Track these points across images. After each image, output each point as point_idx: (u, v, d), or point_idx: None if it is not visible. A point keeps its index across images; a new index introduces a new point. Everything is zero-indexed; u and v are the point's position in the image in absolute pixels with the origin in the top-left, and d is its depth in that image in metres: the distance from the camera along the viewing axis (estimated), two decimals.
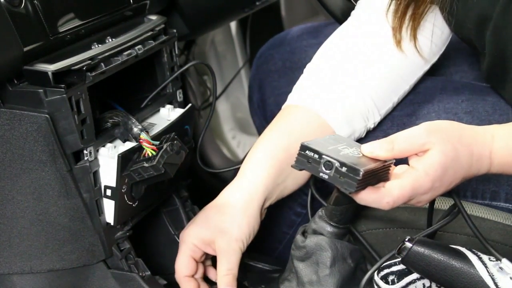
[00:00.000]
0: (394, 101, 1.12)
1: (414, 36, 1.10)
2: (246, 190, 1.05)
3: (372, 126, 1.11)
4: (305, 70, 1.14)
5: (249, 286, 1.08)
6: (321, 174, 0.86)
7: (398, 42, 1.10)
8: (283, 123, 1.09)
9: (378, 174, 0.88)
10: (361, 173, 0.84)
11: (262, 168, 1.05)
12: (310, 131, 1.06)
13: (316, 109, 1.07)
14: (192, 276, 1.07)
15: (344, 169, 0.85)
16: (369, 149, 0.88)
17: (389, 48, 1.10)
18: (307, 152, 0.87)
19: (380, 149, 0.88)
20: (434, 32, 1.12)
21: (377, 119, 1.11)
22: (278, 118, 1.10)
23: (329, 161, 0.85)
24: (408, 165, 0.90)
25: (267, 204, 1.07)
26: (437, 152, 0.87)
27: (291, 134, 1.07)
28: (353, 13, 1.17)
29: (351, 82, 1.09)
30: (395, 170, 0.91)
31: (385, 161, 0.89)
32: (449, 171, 0.88)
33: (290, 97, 1.12)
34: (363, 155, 0.89)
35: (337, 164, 0.85)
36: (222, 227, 1.03)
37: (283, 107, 1.12)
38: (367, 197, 0.88)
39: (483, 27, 1.04)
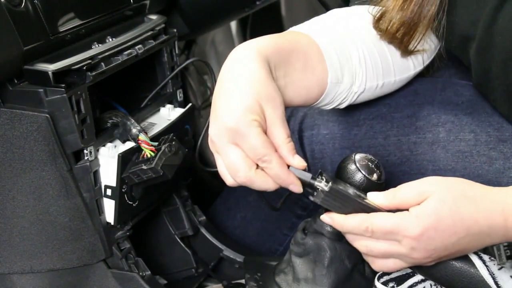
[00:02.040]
0: (379, 83, 1.09)
1: (405, 53, 1.09)
2: (257, 56, 0.92)
3: (356, 91, 1.07)
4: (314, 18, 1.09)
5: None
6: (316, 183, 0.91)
7: None
8: (290, 39, 0.99)
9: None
10: (329, 186, 0.88)
11: (267, 45, 0.94)
12: (309, 58, 0.99)
13: (319, 43, 1.01)
14: None
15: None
16: (373, 196, 0.89)
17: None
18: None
19: (383, 196, 0.89)
20: (427, 43, 1.11)
21: (362, 86, 1.07)
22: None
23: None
24: None
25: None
26: (434, 199, 0.85)
27: (296, 48, 0.99)
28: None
29: (354, 44, 1.05)
30: None
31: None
32: (446, 221, 0.85)
33: (292, 27, 1.05)
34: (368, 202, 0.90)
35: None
36: (266, 92, 0.89)
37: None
38: (346, 220, 0.89)
39: (466, 46, 1.04)
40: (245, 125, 0.86)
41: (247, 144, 0.86)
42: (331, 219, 0.91)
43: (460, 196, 0.86)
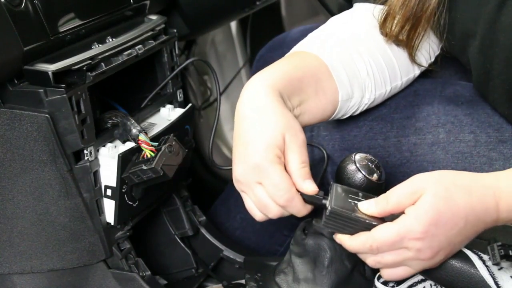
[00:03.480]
0: (388, 89, 1.11)
1: (410, 55, 1.10)
2: (268, 91, 0.93)
3: (367, 102, 1.09)
4: (315, 31, 1.11)
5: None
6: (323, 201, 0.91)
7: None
8: (299, 66, 1.00)
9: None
10: (328, 209, 0.88)
11: (277, 81, 0.95)
12: (320, 80, 1.00)
13: (327, 62, 1.02)
14: None
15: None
16: (366, 206, 0.89)
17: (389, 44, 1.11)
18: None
19: (376, 205, 0.88)
20: (429, 45, 1.12)
21: (372, 97, 1.09)
22: (283, 58, 1.03)
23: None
24: None
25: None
26: (428, 196, 0.85)
27: (306, 74, 1.00)
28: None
29: (354, 54, 1.07)
30: None
31: (384, 220, 0.89)
32: (445, 214, 0.85)
33: (299, 44, 1.07)
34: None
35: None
36: (284, 123, 0.91)
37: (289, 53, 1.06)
38: (351, 242, 0.89)
39: (466, 43, 1.04)
40: (268, 162, 0.88)
41: (270, 181, 0.89)
42: (339, 240, 0.91)
43: (452, 186, 0.86)
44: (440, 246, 0.86)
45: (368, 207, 0.89)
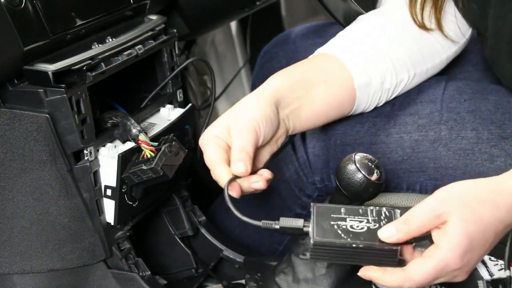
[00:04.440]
0: (411, 74, 1.12)
1: (439, 27, 1.11)
2: (257, 90, 1.00)
3: (389, 87, 1.10)
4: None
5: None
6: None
7: (423, 27, 1.11)
8: (301, 62, 1.06)
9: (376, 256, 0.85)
10: (311, 243, 0.85)
11: (274, 78, 1.01)
12: (329, 70, 1.05)
13: (335, 53, 1.06)
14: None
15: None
16: (387, 234, 0.84)
17: (413, 27, 1.12)
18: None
19: (397, 232, 0.84)
20: (457, 17, 1.12)
21: (394, 81, 1.10)
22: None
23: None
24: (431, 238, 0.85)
25: (280, 110, 1.01)
26: (457, 222, 0.81)
27: (310, 67, 1.05)
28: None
29: (372, 43, 1.10)
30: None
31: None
32: (477, 236, 0.82)
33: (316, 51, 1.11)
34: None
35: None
36: (237, 112, 0.97)
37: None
38: (384, 281, 0.85)
39: (486, 6, 1.04)
40: (205, 142, 0.96)
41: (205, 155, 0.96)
42: (367, 276, 0.87)
43: (477, 204, 0.83)
44: (474, 265, 0.85)
45: (390, 235, 0.84)
